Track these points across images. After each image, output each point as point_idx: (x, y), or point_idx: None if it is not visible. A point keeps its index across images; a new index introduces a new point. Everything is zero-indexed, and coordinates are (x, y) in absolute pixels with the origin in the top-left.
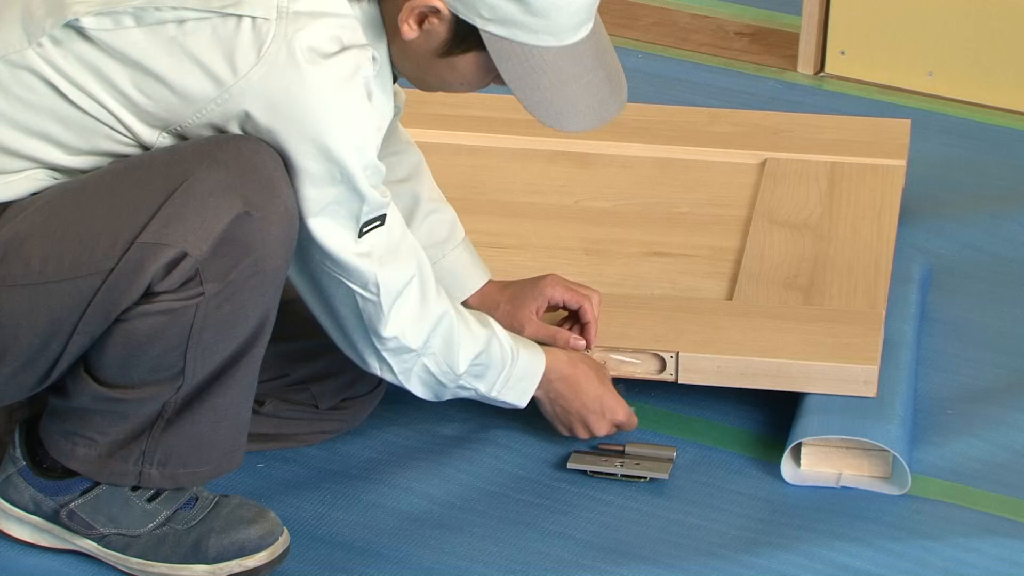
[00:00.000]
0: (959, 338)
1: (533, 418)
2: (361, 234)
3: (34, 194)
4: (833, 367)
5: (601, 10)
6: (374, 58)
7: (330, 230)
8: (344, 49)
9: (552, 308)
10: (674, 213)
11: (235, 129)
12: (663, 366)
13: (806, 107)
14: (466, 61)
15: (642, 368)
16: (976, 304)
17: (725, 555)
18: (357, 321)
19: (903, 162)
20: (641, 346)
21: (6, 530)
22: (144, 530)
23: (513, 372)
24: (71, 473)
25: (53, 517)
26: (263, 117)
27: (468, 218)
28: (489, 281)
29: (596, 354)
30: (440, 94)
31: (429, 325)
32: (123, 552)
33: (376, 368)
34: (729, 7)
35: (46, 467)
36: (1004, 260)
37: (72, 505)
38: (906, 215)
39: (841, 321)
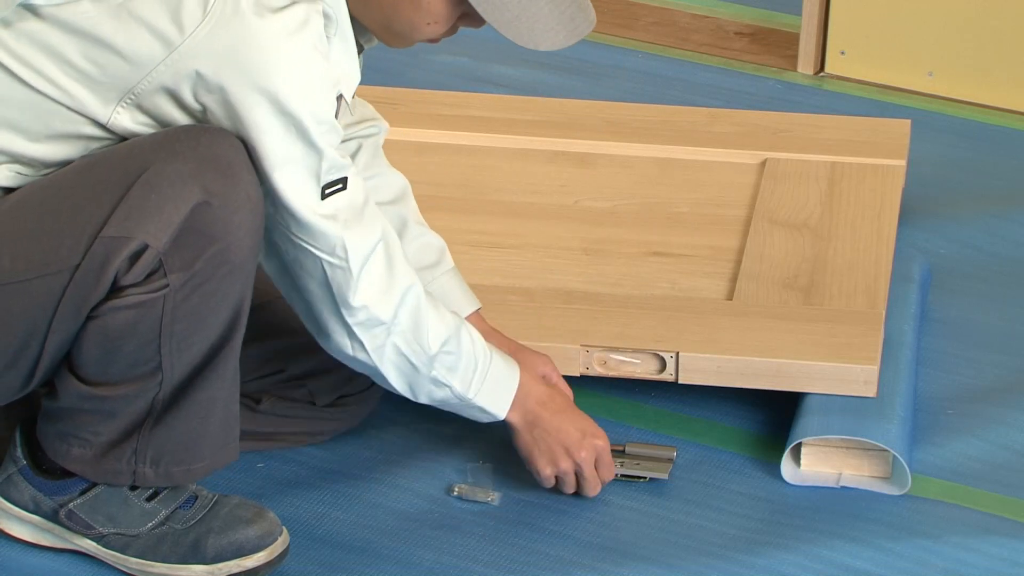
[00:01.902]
0: (959, 338)
1: None
2: (324, 195)
3: (2, 192)
4: (833, 367)
5: (601, 10)
6: (327, 14)
7: (293, 185)
8: (293, 3)
9: None
10: (674, 213)
11: (187, 91)
12: (663, 366)
13: (806, 107)
14: None
15: (642, 368)
16: (976, 304)
17: (725, 555)
18: (325, 293)
19: (903, 162)
20: (641, 346)
21: (7, 529)
22: (143, 530)
23: (489, 372)
24: (70, 473)
25: (53, 517)
26: (212, 74)
27: (468, 218)
28: (488, 326)
29: (596, 354)
30: (440, 94)
31: (397, 296)
32: (122, 552)
33: (348, 347)
34: (729, 7)
35: (45, 468)
36: (1004, 260)
37: (71, 505)
38: (906, 215)
39: (841, 321)
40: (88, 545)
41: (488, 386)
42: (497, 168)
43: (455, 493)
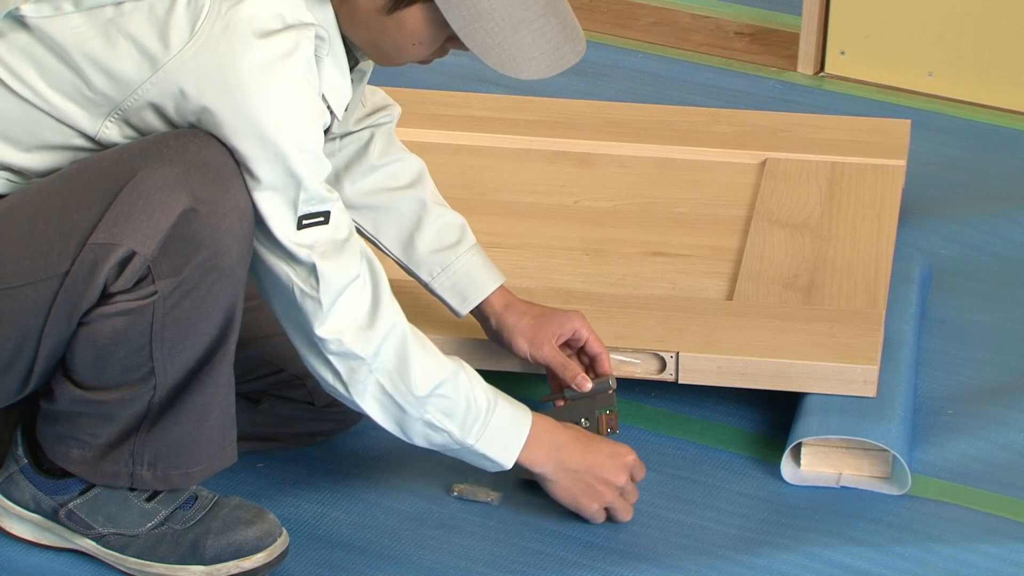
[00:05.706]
0: (959, 338)
1: None
2: (301, 226)
3: None
4: (833, 367)
5: (601, 10)
6: (320, 37)
7: (269, 211)
8: (286, 28)
9: (568, 343)
10: (674, 213)
11: (171, 108)
12: (663, 366)
13: (806, 107)
14: (413, 15)
15: (642, 368)
16: (976, 304)
17: (725, 555)
18: (297, 316)
19: (903, 162)
20: (641, 346)
21: (8, 528)
22: (142, 530)
23: (492, 419)
24: (71, 472)
25: (53, 516)
26: (195, 94)
27: (468, 218)
28: (513, 296)
29: None
30: (440, 94)
31: (380, 333)
32: (121, 552)
33: (327, 375)
34: (729, 7)
35: (46, 467)
36: (1004, 260)
37: (71, 505)
38: (906, 215)
39: (841, 321)
40: (88, 545)
41: (491, 433)
42: (497, 168)
43: (455, 493)
